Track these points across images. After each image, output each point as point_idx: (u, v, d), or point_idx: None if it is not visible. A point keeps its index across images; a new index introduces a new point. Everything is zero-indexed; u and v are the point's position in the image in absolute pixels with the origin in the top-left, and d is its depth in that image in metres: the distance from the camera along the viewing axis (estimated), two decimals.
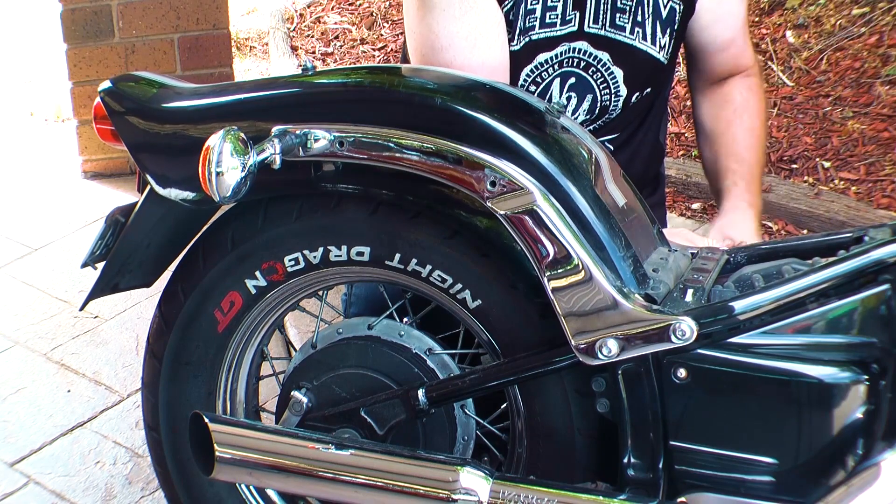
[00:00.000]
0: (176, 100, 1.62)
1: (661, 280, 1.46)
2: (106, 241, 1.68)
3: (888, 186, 3.18)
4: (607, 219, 1.44)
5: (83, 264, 1.69)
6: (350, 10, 4.83)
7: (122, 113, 1.64)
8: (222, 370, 1.73)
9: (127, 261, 1.69)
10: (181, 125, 1.60)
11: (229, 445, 1.56)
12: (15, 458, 2.35)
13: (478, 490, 1.45)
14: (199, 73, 3.55)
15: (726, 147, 2.00)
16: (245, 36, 4.85)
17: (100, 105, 1.65)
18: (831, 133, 3.42)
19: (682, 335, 1.37)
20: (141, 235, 1.68)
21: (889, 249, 1.35)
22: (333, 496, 1.57)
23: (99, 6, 3.44)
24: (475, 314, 1.53)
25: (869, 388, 1.37)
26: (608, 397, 1.47)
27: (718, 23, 1.97)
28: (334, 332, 1.68)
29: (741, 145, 1.99)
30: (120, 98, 1.65)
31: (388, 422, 1.58)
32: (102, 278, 1.69)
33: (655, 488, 1.46)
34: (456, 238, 1.52)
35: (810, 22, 3.90)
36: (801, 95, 3.62)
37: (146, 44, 3.50)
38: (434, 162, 1.42)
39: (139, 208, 1.67)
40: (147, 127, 1.62)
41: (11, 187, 3.63)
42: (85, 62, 3.50)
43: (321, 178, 1.54)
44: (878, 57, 3.65)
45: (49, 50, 3.94)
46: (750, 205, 1.93)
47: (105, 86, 1.67)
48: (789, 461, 1.41)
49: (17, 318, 2.87)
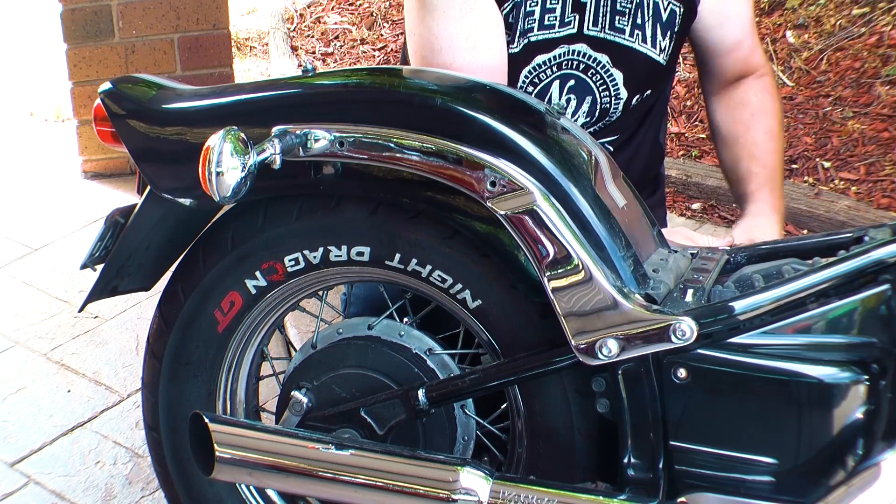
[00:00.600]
0: (176, 101, 1.62)
1: (661, 280, 1.46)
2: (105, 242, 1.68)
3: (888, 186, 3.18)
4: (607, 219, 1.44)
5: (82, 266, 1.69)
6: (350, 10, 4.83)
7: (122, 114, 1.64)
8: (222, 370, 1.73)
9: (126, 263, 1.69)
10: (181, 126, 1.60)
11: (229, 445, 1.56)
12: (15, 458, 2.35)
13: (478, 490, 1.45)
14: (199, 73, 3.54)
15: (747, 150, 1.99)
16: (245, 36, 4.85)
17: (100, 106, 1.65)
18: (831, 133, 3.43)
19: (682, 335, 1.37)
20: (140, 237, 1.68)
21: (889, 249, 1.35)
22: (333, 496, 1.57)
23: (99, 6, 3.44)
24: (475, 314, 1.53)
25: (869, 388, 1.37)
26: (608, 397, 1.47)
27: (724, 24, 1.97)
28: (334, 332, 1.68)
29: (761, 149, 1.98)
30: (120, 99, 1.65)
31: (388, 422, 1.58)
32: (101, 280, 1.69)
33: (655, 488, 1.46)
34: (456, 238, 1.52)
35: (810, 22, 3.90)
36: (801, 95, 3.62)
37: (146, 44, 3.50)
38: (434, 162, 1.42)
39: (139, 210, 1.67)
40: (147, 128, 1.62)
41: (11, 187, 3.62)
42: (85, 62, 3.50)
43: (321, 178, 1.54)
44: (878, 57, 3.65)
45: (49, 50, 3.94)
46: (773, 209, 1.92)
47: (105, 87, 1.67)
48: (789, 461, 1.41)
49: (17, 318, 2.87)
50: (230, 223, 1.65)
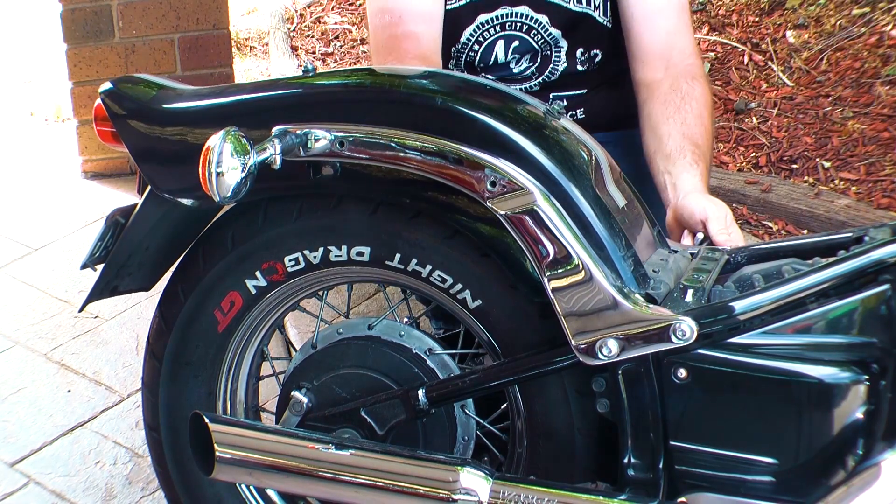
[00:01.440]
0: (176, 101, 1.62)
1: (662, 280, 1.46)
2: (105, 242, 1.68)
3: (888, 186, 3.18)
4: (607, 219, 1.44)
5: (82, 266, 1.69)
6: (350, 10, 4.83)
7: (122, 114, 1.64)
8: (222, 370, 1.73)
9: (126, 263, 1.69)
10: (181, 126, 1.60)
11: (229, 445, 1.56)
12: (15, 458, 2.35)
13: (478, 490, 1.45)
14: (199, 72, 3.54)
15: (677, 128, 1.93)
16: (245, 36, 4.85)
17: (100, 106, 1.66)
18: (831, 133, 3.42)
19: (683, 335, 1.37)
20: (140, 237, 1.68)
21: (889, 249, 1.35)
22: (333, 496, 1.57)
23: (99, 6, 3.44)
24: (475, 314, 1.53)
25: (869, 388, 1.37)
26: (608, 397, 1.47)
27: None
28: (334, 332, 1.68)
29: (693, 130, 1.93)
30: (120, 99, 1.65)
31: (388, 422, 1.58)
32: (101, 280, 1.69)
33: (655, 488, 1.46)
34: (456, 238, 1.52)
35: (810, 22, 3.90)
36: (802, 95, 3.62)
37: (146, 44, 3.50)
38: (434, 162, 1.42)
39: (139, 209, 1.67)
40: (148, 128, 1.62)
41: (11, 187, 3.62)
42: (85, 62, 3.50)
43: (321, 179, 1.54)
44: (878, 57, 3.65)
45: (49, 50, 3.94)
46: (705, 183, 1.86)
47: (105, 87, 1.67)
48: (789, 461, 1.41)
49: (17, 318, 2.86)
50: (230, 223, 1.65)
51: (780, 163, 3.38)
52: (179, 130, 1.60)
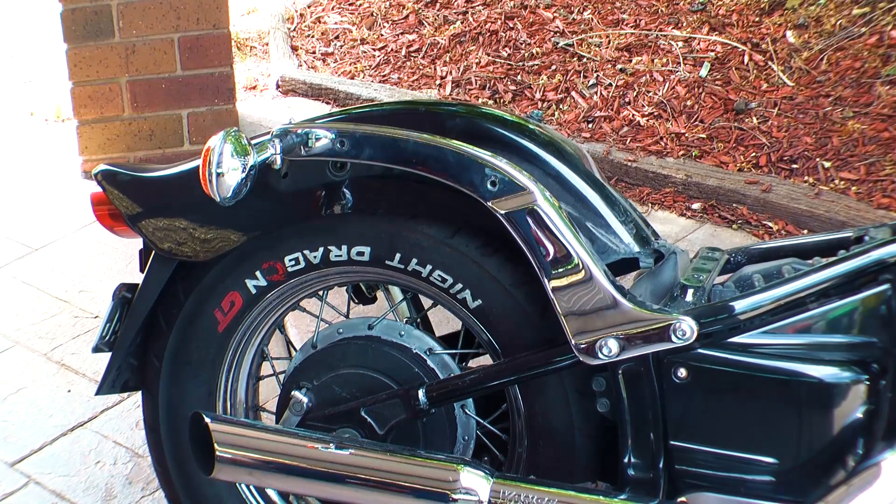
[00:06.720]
0: (161, 169, 1.68)
1: (664, 245, 1.48)
2: (114, 325, 1.70)
3: (888, 186, 3.18)
4: (603, 190, 1.47)
5: (94, 349, 1.73)
6: (350, 10, 4.83)
7: (118, 188, 1.66)
8: (222, 370, 1.73)
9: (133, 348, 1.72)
10: (170, 185, 1.64)
11: (229, 445, 1.56)
12: (15, 458, 2.35)
13: (478, 490, 1.45)
14: (199, 72, 3.54)
15: None
16: (245, 36, 4.85)
17: (98, 194, 1.68)
18: (831, 133, 3.42)
19: (683, 335, 1.37)
20: (147, 308, 1.70)
21: (889, 249, 1.35)
22: (333, 496, 1.57)
23: (99, 6, 3.44)
24: (475, 314, 1.53)
25: (869, 388, 1.37)
26: (608, 397, 1.47)
27: None
28: (334, 332, 1.68)
29: None
30: (114, 175, 1.67)
31: (388, 421, 1.58)
32: (112, 367, 1.72)
33: (655, 488, 1.46)
34: (456, 238, 1.52)
35: (810, 22, 3.90)
36: (802, 95, 3.62)
37: (146, 44, 3.50)
38: (435, 162, 1.43)
39: (144, 279, 1.69)
40: (143, 193, 1.65)
41: (11, 187, 3.62)
42: (85, 62, 3.50)
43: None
44: (879, 57, 3.65)
45: (49, 50, 3.93)
46: None
47: (99, 169, 1.70)
48: (789, 461, 1.41)
49: (17, 318, 2.86)
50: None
51: (781, 163, 3.38)
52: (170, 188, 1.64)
